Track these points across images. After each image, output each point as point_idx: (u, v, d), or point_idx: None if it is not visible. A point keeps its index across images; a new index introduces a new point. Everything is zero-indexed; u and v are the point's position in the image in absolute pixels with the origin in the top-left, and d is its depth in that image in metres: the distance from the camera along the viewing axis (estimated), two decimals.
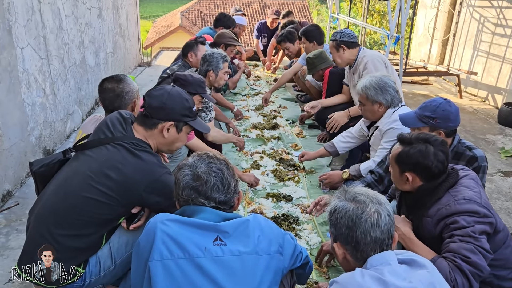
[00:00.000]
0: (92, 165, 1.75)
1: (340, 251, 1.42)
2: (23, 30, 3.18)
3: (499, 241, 1.83)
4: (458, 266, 1.65)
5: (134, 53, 7.33)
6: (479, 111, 5.86)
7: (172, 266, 1.35)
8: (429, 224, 1.85)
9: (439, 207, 1.82)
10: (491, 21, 6.25)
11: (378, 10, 15.26)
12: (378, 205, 1.39)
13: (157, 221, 1.43)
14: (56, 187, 1.77)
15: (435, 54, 7.64)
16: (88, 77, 4.75)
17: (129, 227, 1.84)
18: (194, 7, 20.13)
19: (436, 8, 7.54)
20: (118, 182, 1.72)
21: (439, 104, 2.28)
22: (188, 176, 1.48)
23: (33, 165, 1.86)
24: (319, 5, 27.14)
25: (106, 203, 1.71)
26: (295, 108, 5.26)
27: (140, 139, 1.85)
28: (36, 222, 1.76)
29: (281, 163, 3.65)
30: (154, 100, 1.89)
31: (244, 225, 1.45)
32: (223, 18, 5.50)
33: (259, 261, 1.41)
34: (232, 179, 1.53)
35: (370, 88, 2.87)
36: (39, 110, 3.48)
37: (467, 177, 1.90)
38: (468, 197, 1.78)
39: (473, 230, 1.70)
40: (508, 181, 3.71)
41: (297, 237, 2.63)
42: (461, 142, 2.36)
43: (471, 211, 1.74)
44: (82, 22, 4.55)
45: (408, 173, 1.89)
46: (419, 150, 1.87)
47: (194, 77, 3.03)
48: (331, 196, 2.49)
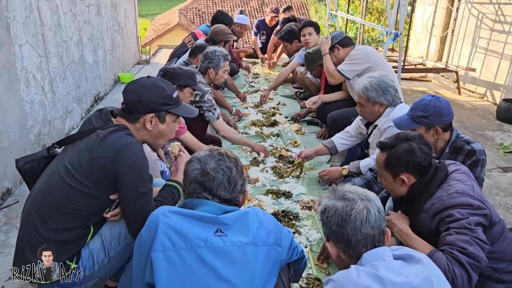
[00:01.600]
0: (70, 157, 1.74)
1: (333, 249, 1.44)
2: (21, 27, 3.18)
3: (496, 234, 1.83)
4: (456, 258, 1.66)
5: (132, 51, 7.32)
6: (478, 107, 5.87)
7: (174, 256, 1.37)
8: (425, 219, 1.87)
9: (433, 202, 1.84)
10: (489, 17, 6.26)
11: (376, 7, 15.26)
12: (367, 202, 1.41)
13: (159, 213, 1.45)
14: (41, 183, 1.77)
15: (433, 50, 7.65)
16: (86, 74, 4.74)
17: (107, 216, 1.79)
18: (192, 5, 20.09)
19: (434, 4, 7.55)
20: (89, 165, 1.69)
21: (429, 102, 2.29)
22: (197, 170, 1.51)
23: (18, 162, 1.86)
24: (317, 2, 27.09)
25: (84, 192, 1.69)
26: (294, 105, 5.26)
27: (120, 124, 1.82)
28: (25, 220, 1.76)
29: (280, 159, 3.65)
30: (129, 94, 1.85)
31: (244, 217, 1.47)
32: (221, 16, 5.51)
33: (259, 252, 1.43)
34: (240, 178, 1.55)
35: (371, 89, 2.86)
36: (38, 107, 3.47)
37: (459, 171, 1.92)
38: (461, 190, 1.80)
39: (468, 221, 1.72)
40: (507, 176, 3.72)
41: (297, 233, 2.64)
42: (459, 136, 2.37)
43: (465, 204, 1.76)
44: (81, 19, 4.54)
45: (402, 174, 1.92)
46: (404, 149, 1.91)
47: (183, 69, 3.03)
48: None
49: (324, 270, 2.33)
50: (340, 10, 9.76)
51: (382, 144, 2.01)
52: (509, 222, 2.99)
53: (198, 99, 3.31)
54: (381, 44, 8.61)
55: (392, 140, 1.98)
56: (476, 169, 2.30)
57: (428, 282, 1.28)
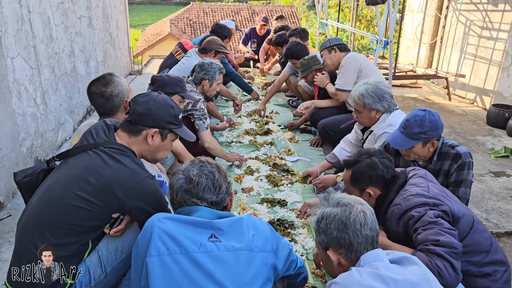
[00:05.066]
0: (72, 172, 1.73)
1: (334, 257, 1.47)
2: (13, 40, 3.17)
3: (464, 227, 1.89)
4: (433, 252, 1.71)
5: (124, 62, 7.31)
6: (468, 112, 5.94)
7: (168, 261, 1.39)
8: (391, 226, 1.95)
9: (392, 209, 1.94)
10: (477, 24, 6.36)
11: (365, 15, 15.46)
12: (361, 205, 1.49)
13: (154, 219, 1.49)
14: (39, 196, 1.75)
15: (423, 57, 7.74)
16: (79, 86, 4.73)
17: (110, 232, 1.79)
18: (183, 15, 20.18)
19: (423, 12, 7.66)
20: (98, 186, 1.68)
21: (423, 117, 2.31)
22: (181, 179, 1.59)
23: (17, 175, 1.84)
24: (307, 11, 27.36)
25: (87, 209, 1.67)
26: (287, 113, 5.29)
27: (122, 145, 1.83)
28: (21, 234, 1.73)
29: (274, 168, 3.65)
30: (139, 106, 1.87)
31: (238, 223, 1.52)
32: (219, 29, 5.40)
33: (254, 258, 1.46)
34: (224, 181, 1.63)
35: (367, 96, 2.88)
36: (30, 120, 3.45)
37: (415, 176, 2.01)
38: (415, 192, 1.89)
39: (429, 216, 1.79)
40: (499, 181, 3.76)
41: (293, 241, 2.64)
42: (444, 142, 2.42)
43: (420, 203, 1.84)
44: (72, 31, 4.54)
45: (368, 188, 2.02)
46: (366, 164, 2.02)
47: (171, 76, 3.04)
48: (316, 199, 2.55)
49: (320, 279, 2.32)
50: (330, 18, 9.86)
51: (346, 162, 2.14)
52: (503, 227, 3.01)
53: (190, 107, 3.32)
54: (372, 52, 8.70)
55: (355, 157, 2.10)
56: (463, 172, 2.34)
57: (425, 279, 1.33)
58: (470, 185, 2.38)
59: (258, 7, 21.39)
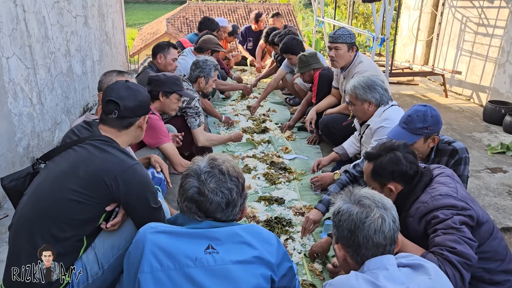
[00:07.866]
0: (61, 168, 1.73)
1: (341, 253, 1.42)
2: (8, 39, 3.15)
3: (485, 233, 1.85)
4: (446, 258, 1.67)
5: (121, 61, 7.29)
6: (465, 109, 5.96)
7: (162, 277, 1.32)
8: (412, 224, 1.89)
9: (417, 206, 1.87)
10: (473, 20, 6.37)
11: (362, 12, 15.44)
12: (384, 210, 1.38)
13: (146, 232, 1.41)
14: (29, 196, 1.74)
15: (419, 54, 7.75)
16: (75, 85, 4.71)
17: (107, 225, 1.79)
18: (179, 14, 20.11)
19: (419, 9, 7.66)
20: (87, 177, 1.69)
21: (425, 112, 2.31)
22: (194, 189, 1.43)
23: (3, 180, 1.83)
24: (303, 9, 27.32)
25: (78, 201, 1.67)
26: (284, 111, 5.29)
27: (107, 136, 1.85)
28: (14, 235, 1.72)
29: (272, 166, 3.66)
30: (128, 101, 1.89)
31: (238, 234, 1.42)
32: (207, 21, 5.76)
33: (253, 271, 1.38)
34: (240, 197, 1.49)
35: (359, 87, 2.92)
36: (26, 120, 3.44)
37: (443, 175, 1.95)
38: (444, 193, 1.83)
39: (453, 221, 1.73)
40: (496, 177, 3.77)
41: (291, 239, 2.64)
42: (441, 138, 2.41)
43: (449, 205, 1.78)
44: (68, 30, 4.52)
45: (389, 184, 1.95)
46: (389, 159, 1.94)
47: (167, 75, 3.02)
48: (317, 213, 2.48)
49: (318, 276, 2.33)
50: (327, 16, 9.85)
51: (368, 155, 2.05)
52: (499, 222, 3.02)
53: (185, 105, 3.31)
54: (368, 49, 8.70)
55: (378, 150, 2.01)
56: (459, 168, 2.35)
57: None
58: (466, 181, 2.40)
59: (254, 5, 21.33)
